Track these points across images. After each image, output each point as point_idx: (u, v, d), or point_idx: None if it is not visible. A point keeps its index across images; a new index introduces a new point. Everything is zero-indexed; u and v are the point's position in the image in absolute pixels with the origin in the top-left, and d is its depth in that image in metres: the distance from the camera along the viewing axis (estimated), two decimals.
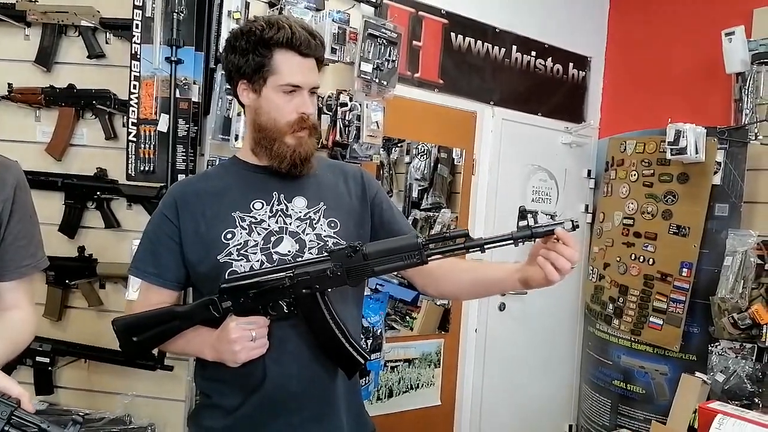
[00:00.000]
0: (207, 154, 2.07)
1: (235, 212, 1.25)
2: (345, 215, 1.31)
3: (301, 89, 1.24)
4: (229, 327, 1.17)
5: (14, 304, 1.23)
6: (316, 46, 1.25)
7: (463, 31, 3.02)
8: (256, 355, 1.17)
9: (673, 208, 2.64)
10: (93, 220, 2.10)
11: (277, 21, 1.23)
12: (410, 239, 1.17)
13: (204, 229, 1.25)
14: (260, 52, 1.22)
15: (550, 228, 1.12)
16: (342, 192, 1.34)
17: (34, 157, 2.04)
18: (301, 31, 1.23)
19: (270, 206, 1.27)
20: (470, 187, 3.11)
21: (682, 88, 3.07)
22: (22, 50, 2.07)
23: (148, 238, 1.30)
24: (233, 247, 1.23)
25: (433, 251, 1.16)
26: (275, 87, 1.24)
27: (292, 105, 1.24)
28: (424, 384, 2.95)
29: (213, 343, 1.21)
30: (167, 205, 1.29)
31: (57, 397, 2.10)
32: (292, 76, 1.23)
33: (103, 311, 2.11)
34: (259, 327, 1.17)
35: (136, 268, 1.30)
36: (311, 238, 1.26)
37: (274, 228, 1.25)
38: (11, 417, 0.92)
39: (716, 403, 1.39)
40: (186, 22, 1.96)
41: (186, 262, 1.27)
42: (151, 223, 1.31)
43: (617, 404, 2.82)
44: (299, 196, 1.29)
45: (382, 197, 1.40)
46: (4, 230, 1.19)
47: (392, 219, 1.38)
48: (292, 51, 1.22)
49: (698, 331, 2.54)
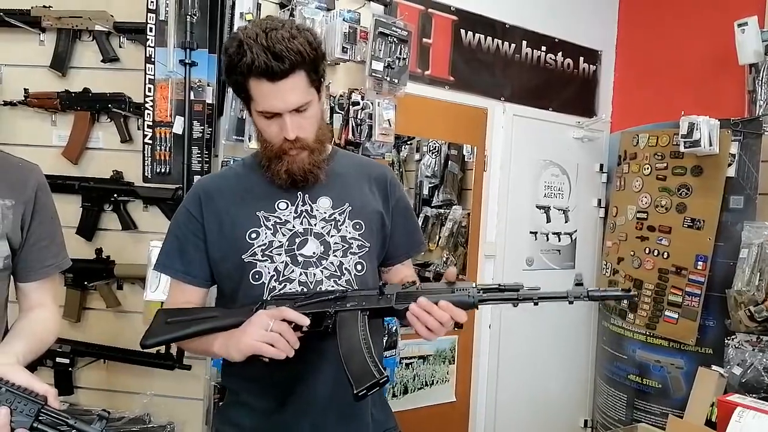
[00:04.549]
0: (221, 155, 2.08)
1: (260, 212, 1.25)
2: (370, 217, 1.30)
3: (280, 114, 1.17)
4: (257, 313, 1.15)
5: (39, 303, 1.25)
6: (283, 70, 1.12)
7: (472, 28, 3.02)
8: (263, 349, 1.10)
9: (687, 201, 2.63)
10: (110, 223, 2.12)
11: (245, 42, 1.12)
12: (465, 296, 1.16)
13: (228, 227, 1.24)
14: (234, 76, 1.17)
15: (609, 294, 1.10)
16: (367, 192, 1.33)
17: (50, 161, 2.07)
18: (262, 56, 1.11)
19: (295, 206, 1.26)
20: (482, 183, 3.11)
21: (695, 80, 3.04)
22: (37, 56, 2.09)
23: (173, 235, 1.30)
24: (258, 247, 1.23)
25: (484, 298, 1.16)
26: (256, 111, 1.20)
27: (276, 128, 1.19)
28: (438, 380, 2.96)
29: (228, 334, 1.17)
30: (191, 201, 1.29)
31: (77, 398, 2.13)
32: (263, 103, 1.16)
33: (121, 312, 2.13)
34: (281, 321, 1.12)
35: (163, 265, 1.29)
36: (336, 240, 1.26)
37: (298, 229, 1.25)
38: (39, 414, 0.94)
39: (735, 396, 1.38)
40: (199, 24, 1.97)
41: (210, 259, 1.27)
42: (176, 219, 1.31)
43: (633, 399, 2.80)
44: (324, 197, 1.28)
45: (403, 204, 1.40)
46: (27, 232, 1.22)
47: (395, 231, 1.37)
48: (259, 77, 1.14)
49: (714, 324, 2.53)
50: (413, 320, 1.15)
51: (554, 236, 3.40)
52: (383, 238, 1.33)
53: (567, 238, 3.46)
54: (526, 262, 3.30)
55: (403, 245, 1.40)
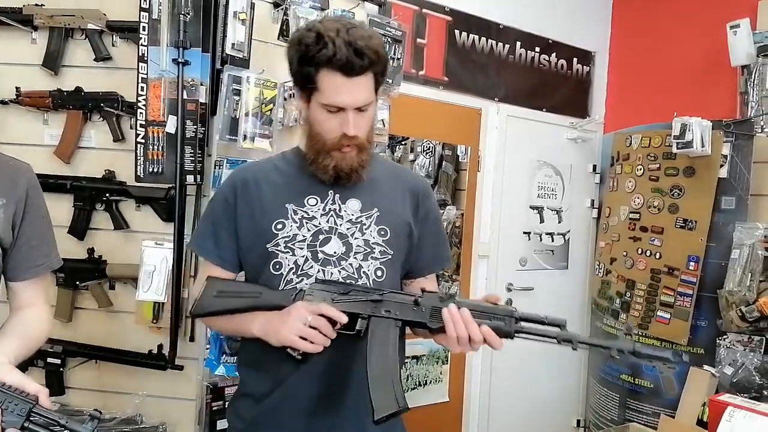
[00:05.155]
0: (215, 154, 2.07)
1: (290, 204, 1.27)
2: (396, 225, 1.30)
3: (344, 109, 1.20)
4: (296, 305, 1.17)
5: (30, 302, 1.25)
6: (361, 66, 1.17)
7: (467, 28, 3.02)
8: (299, 344, 1.12)
9: (680, 201, 2.64)
10: (102, 222, 2.11)
11: (326, 35, 1.16)
12: (506, 309, 1.17)
13: (258, 216, 1.27)
14: (306, 67, 1.19)
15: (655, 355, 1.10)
16: (398, 201, 1.33)
17: (42, 160, 2.05)
18: (345, 50, 1.15)
19: (324, 204, 1.28)
20: (476, 183, 3.11)
21: (688, 82, 3.06)
22: (29, 54, 2.07)
23: (209, 219, 1.33)
24: (281, 238, 1.25)
25: (522, 329, 1.16)
26: (319, 104, 1.21)
27: (335, 123, 1.21)
28: (432, 381, 2.96)
29: (268, 318, 1.19)
30: (228, 187, 1.32)
31: (68, 398, 2.11)
32: (332, 96, 1.19)
33: (113, 312, 2.12)
34: (319, 316, 1.13)
35: (197, 244, 1.33)
36: (359, 243, 1.26)
37: (324, 227, 1.26)
38: (30, 413, 0.93)
39: (726, 396, 1.39)
40: (192, 23, 1.96)
41: (239, 247, 1.29)
42: (212, 205, 1.35)
43: (625, 398, 2.82)
44: (355, 199, 1.29)
45: (433, 218, 1.40)
46: (17, 231, 1.21)
47: (421, 244, 1.36)
48: (335, 71, 1.17)
49: (706, 324, 2.54)
50: (449, 327, 1.14)
51: (547, 236, 3.42)
52: (408, 249, 1.33)
53: (560, 238, 3.47)
54: (519, 262, 3.31)
55: (428, 259, 1.39)
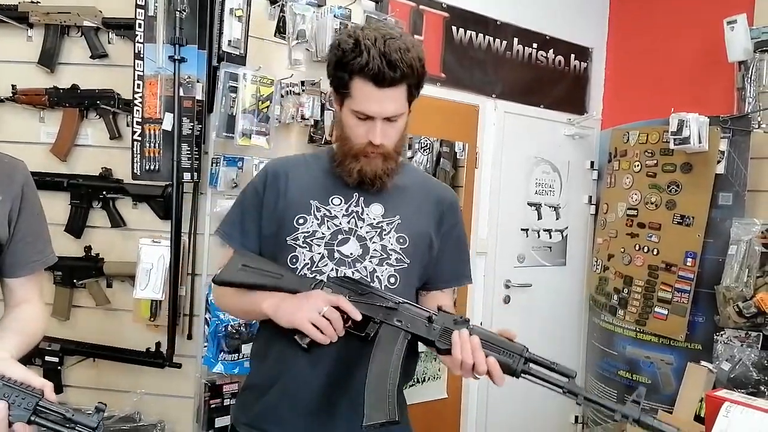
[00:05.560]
0: (211, 151, 2.07)
1: (314, 201, 1.28)
2: (416, 235, 1.30)
3: (373, 118, 1.21)
4: (315, 292, 1.18)
5: (25, 299, 1.25)
6: (393, 78, 1.17)
7: (464, 25, 3.02)
8: (310, 329, 1.12)
9: (677, 197, 2.64)
10: (99, 220, 2.11)
11: (363, 43, 1.17)
12: (517, 347, 1.19)
13: (282, 208, 1.29)
14: (341, 72, 1.21)
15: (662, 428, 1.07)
16: (422, 212, 1.33)
17: (39, 158, 2.05)
18: (377, 60, 1.16)
19: (347, 205, 1.29)
20: (473, 180, 3.11)
21: (685, 78, 3.06)
22: (25, 52, 2.07)
23: (239, 208, 1.35)
24: (301, 233, 1.26)
25: (529, 371, 1.15)
26: (350, 109, 1.23)
27: (363, 130, 1.23)
28: (430, 377, 2.96)
29: (283, 298, 1.19)
30: (261, 178, 1.34)
31: (66, 396, 2.11)
32: (362, 104, 1.20)
33: (111, 310, 2.12)
34: (334, 309, 1.13)
35: (224, 232, 1.34)
36: (376, 248, 1.26)
37: (344, 227, 1.27)
38: (37, 407, 0.94)
39: (723, 391, 1.39)
40: (188, 20, 1.96)
41: (261, 236, 1.31)
42: (244, 193, 1.37)
43: (623, 394, 2.82)
44: (378, 204, 1.30)
45: (456, 233, 1.39)
46: (13, 228, 1.21)
47: (441, 257, 1.35)
48: (367, 80, 1.18)
49: (703, 320, 2.54)
50: (456, 349, 1.13)
51: (545, 233, 3.42)
52: (427, 261, 1.33)
53: (558, 235, 3.47)
54: (517, 258, 3.31)
55: (447, 274, 1.38)
